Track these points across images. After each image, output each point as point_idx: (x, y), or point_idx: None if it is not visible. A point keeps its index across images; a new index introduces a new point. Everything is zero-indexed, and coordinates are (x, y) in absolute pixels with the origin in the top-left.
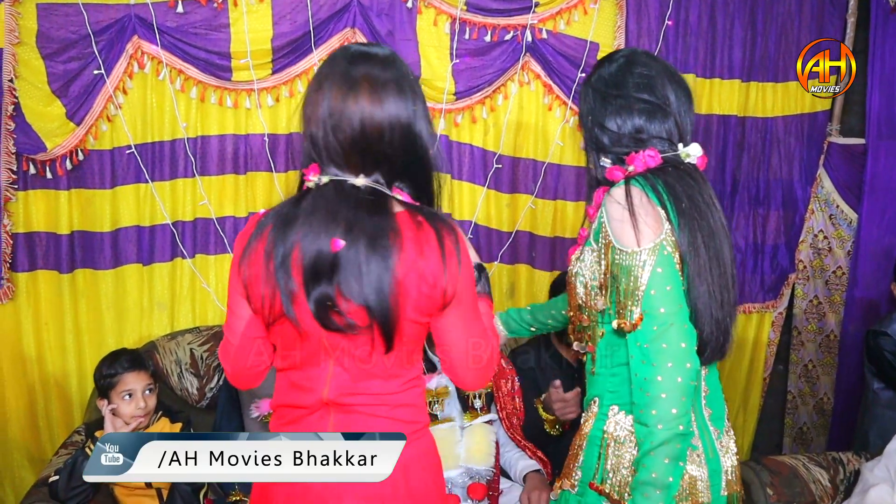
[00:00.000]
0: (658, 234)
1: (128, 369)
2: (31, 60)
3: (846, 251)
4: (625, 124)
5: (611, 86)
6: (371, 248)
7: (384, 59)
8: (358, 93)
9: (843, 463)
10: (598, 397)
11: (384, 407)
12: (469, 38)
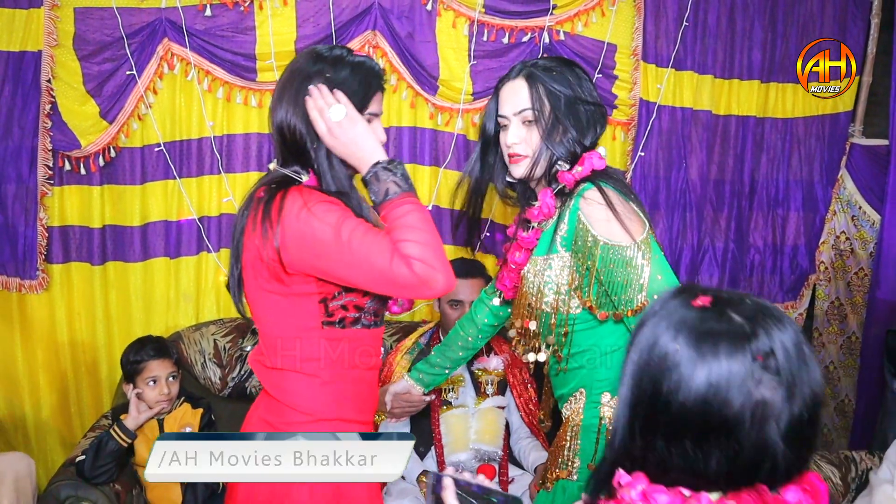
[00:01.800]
0: (644, 227)
1: (153, 357)
2: (67, 62)
3: (868, 252)
4: (588, 125)
5: (576, 84)
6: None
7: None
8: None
9: (856, 462)
10: (585, 388)
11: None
12: (487, 39)
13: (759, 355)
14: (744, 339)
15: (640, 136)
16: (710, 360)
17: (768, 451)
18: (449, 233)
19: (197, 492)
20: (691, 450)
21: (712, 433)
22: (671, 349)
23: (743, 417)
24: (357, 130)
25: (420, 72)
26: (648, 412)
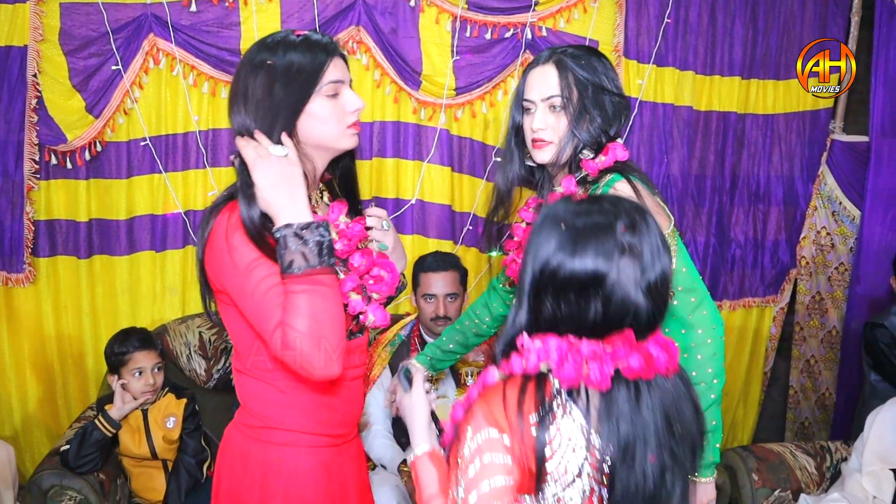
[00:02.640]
0: (670, 221)
1: (138, 348)
2: (53, 56)
3: (849, 248)
4: (614, 115)
5: (603, 74)
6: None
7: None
8: None
9: (831, 452)
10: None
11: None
12: (470, 35)
13: (623, 226)
14: (613, 219)
15: (622, 132)
16: (589, 235)
17: (632, 302)
18: (434, 227)
19: (180, 481)
20: (574, 301)
21: (590, 288)
22: (559, 231)
23: (614, 276)
24: (279, 176)
25: (403, 67)
26: (542, 280)
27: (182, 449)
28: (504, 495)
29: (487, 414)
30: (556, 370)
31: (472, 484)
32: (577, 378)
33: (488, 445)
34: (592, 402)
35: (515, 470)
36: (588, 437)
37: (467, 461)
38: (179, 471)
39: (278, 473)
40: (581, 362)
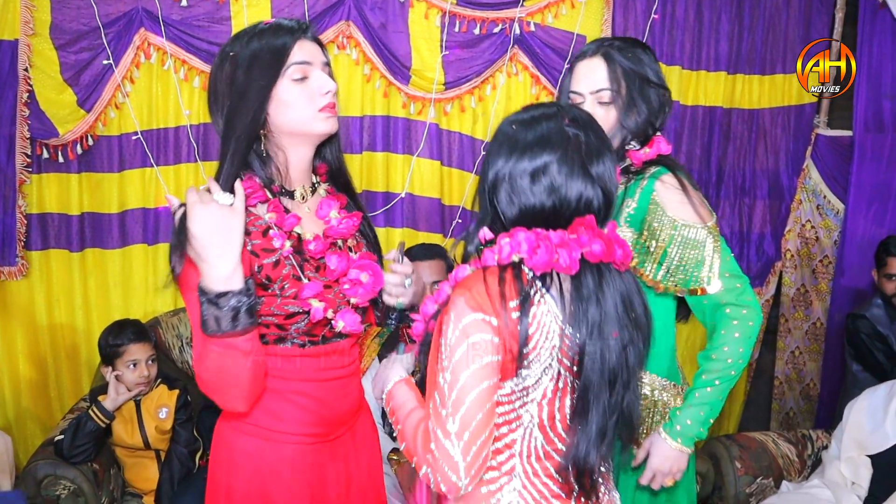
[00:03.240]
0: (712, 215)
1: (133, 340)
2: (44, 51)
3: (833, 241)
4: (660, 108)
5: (648, 66)
6: None
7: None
8: None
9: (813, 440)
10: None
11: None
12: (459, 30)
13: (566, 119)
14: (557, 113)
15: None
16: (536, 126)
17: (582, 188)
18: (424, 220)
19: (173, 471)
20: (529, 191)
21: (541, 175)
22: (509, 136)
23: (561, 162)
24: (214, 228)
25: (393, 62)
26: (497, 181)
27: (174, 439)
28: (493, 373)
29: (470, 299)
30: (528, 259)
31: (460, 365)
32: (548, 264)
33: (475, 327)
34: (564, 286)
35: (501, 350)
36: (560, 323)
37: (453, 346)
38: (172, 461)
39: (261, 465)
40: (552, 249)
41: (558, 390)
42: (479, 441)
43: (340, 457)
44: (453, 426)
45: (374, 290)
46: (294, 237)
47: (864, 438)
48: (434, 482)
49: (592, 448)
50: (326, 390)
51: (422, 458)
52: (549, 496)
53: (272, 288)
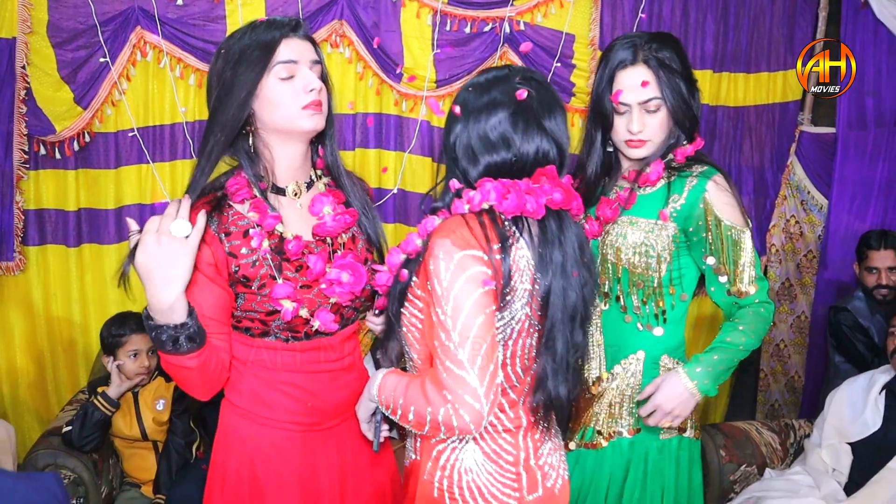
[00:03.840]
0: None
1: (135, 330)
2: (42, 49)
3: (817, 235)
4: (697, 102)
5: (683, 62)
6: None
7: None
8: None
9: (795, 429)
10: (645, 350)
11: None
12: (450, 29)
13: (518, 78)
14: (509, 73)
15: None
16: (490, 86)
17: (537, 138)
18: (415, 216)
19: (171, 461)
20: (488, 146)
21: (500, 132)
22: (465, 98)
23: (514, 112)
24: (159, 263)
25: (385, 60)
26: (463, 135)
27: (171, 430)
28: (491, 301)
29: (457, 240)
30: (498, 205)
31: (460, 297)
32: (518, 208)
33: (468, 262)
34: (532, 230)
35: (493, 282)
36: (532, 269)
37: (450, 282)
38: (169, 451)
39: (253, 449)
40: (521, 195)
41: (524, 331)
42: (490, 368)
43: (334, 447)
44: (464, 354)
45: (355, 289)
46: (275, 237)
47: (844, 426)
48: (457, 419)
49: (561, 383)
50: (316, 382)
51: (438, 404)
52: (500, 430)
53: (252, 286)
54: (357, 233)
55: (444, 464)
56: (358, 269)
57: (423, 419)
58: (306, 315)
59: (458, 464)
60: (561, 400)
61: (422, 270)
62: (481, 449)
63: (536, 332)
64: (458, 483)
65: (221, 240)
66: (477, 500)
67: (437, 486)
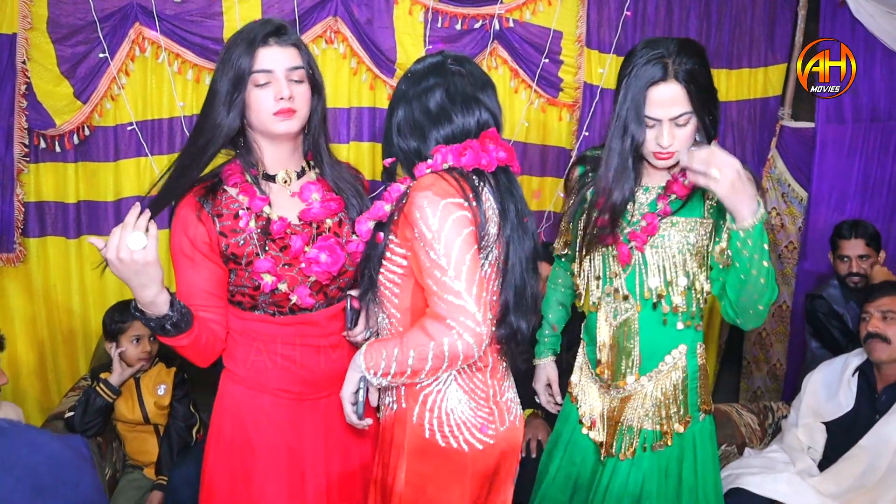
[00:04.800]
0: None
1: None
2: (42, 44)
3: (798, 227)
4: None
5: (709, 72)
6: None
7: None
8: None
9: (773, 410)
10: (686, 344)
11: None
12: (441, 26)
13: (449, 60)
14: (442, 59)
15: (584, 117)
16: (427, 71)
17: (475, 106)
18: None
19: (172, 444)
20: (431, 123)
21: (439, 108)
22: (406, 87)
23: (451, 87)
24: (126, 277)
25: (379, 56)
26: (407, 118)
27: (172, 414)
28: (473, 241)
29: (438, 191)
30: (457, 162)
31: (451, 236)
32: (476, 162)
33: (452, 208)
34: (491, 182)
35: (472, 226)
36: (497, 216)
37: (438, 226)
38: (170, 434)
39: (244, 412)
40: (477, 151)
41: (493, 273)
42: (483, 297)
43: (321, 418)
44: (461, 284)
45: (332, 269)
46: (262, 218)
47: (819, 407)
48: (462, 343)
49: (521, 317)
50: (302, 355)
51: (441, 335)
52: (474, 369)
53: (241, 262)
54: (345, 218)
55: (432, 406)
56: (336, 250)
57: (424, 358)
58: (285, 289)
59: (444, 404)
60: (522, 333)
61: (400, 226)
62: (462, 388)
63: (500, 275)
64: (446, 422)
65: (214, 220)
66: (463, 433)
67: (427, 427)
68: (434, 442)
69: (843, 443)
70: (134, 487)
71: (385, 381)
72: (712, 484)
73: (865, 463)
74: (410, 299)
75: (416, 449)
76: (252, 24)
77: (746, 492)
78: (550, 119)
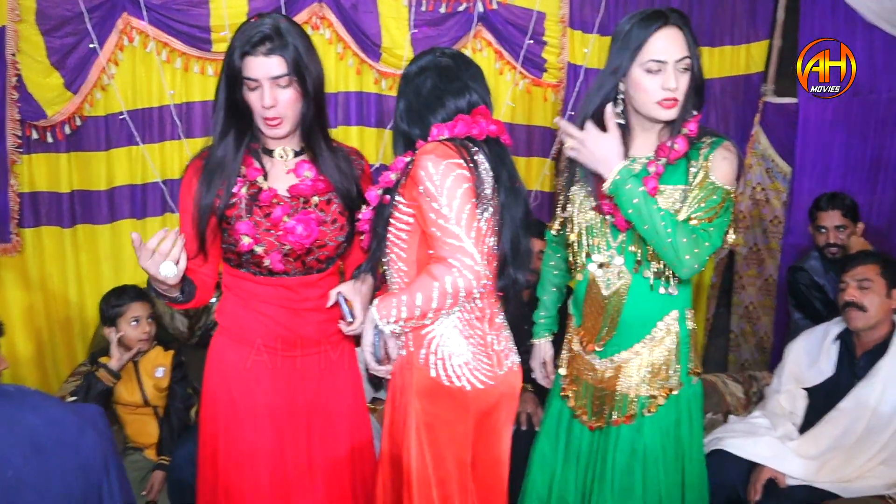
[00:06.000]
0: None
1: (134, 298)
2: (31, 36)
3: (782, 202)
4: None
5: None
6: None
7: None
8: None
9: (758, 379)
10: (677, 309)
11: None
12: (425, 9)
13: (438, 53)
14: (433, 50)
15: (568, 97)
16: (425, 65)
17: (465, 88)
18: None
19: (172, 425)
20: (430, 108)
21: (434, 94)
22: (404, 74)
23: (441, 68)
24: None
25: (364, 40)
26: (408, 106)
27: (171, 396)
28: (472, 196)
29: (440, 154)
30: (451, 133)
31: (452, 189)
32: (468, 129)
33: (453, 166)
34: (485, 150)
35: (470, 183)
36: (492, 179)
37: (441, 180)
38: (170, 416)
39: (228, 364)
40: (468, 122)
41: (488, 230)
42: (479, 244)
43: (302, 377)
44: (460, 229)
45: (305, 241)
46: (255, 187)
47: (801, 373)
48: (462, 280)
49: (518, 269)
50: (280, 314)
51: (443, 274)
52: (473, 319)
53: (230, 222)
54: (334, 197)
55: (435, 349)
56: (311, 225)
57: (430, 297)
58: (260, 252)
59: (446, 348)
60: (519, 283)
61: (407, 188)
62: (462, 334)
63: (496, 234)
64: (449, 362)
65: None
66: (465, 374)
67: (432, 367)
68: (439, 381)
69: (824, 407)
70: (135, 469)
71: (397, 326)
72: (699, 446)
73: (844, 425)
74: (416, 253)
75: (424, 388)
76: (247, 25)
77: (727, 453)
78: (535, 100)
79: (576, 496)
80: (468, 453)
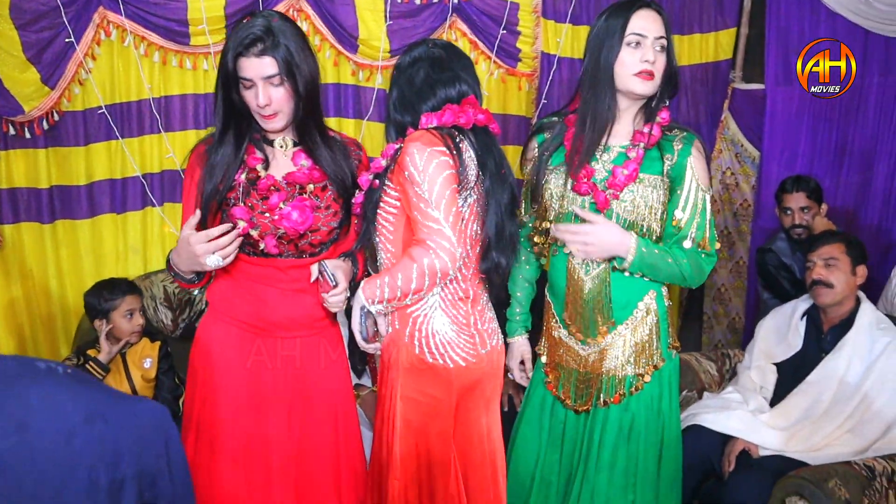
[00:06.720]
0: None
1: (127, 292)
2: (5, 31)
3: (751, 185)
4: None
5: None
6: None
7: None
8: None
9: (730, 357)
10: (654, 289)
11: None
12: (401, 1)
13: (430, 44)
14: (425, 41)
15: (542, 86)
16: (417, 57)
17: (455, 77)
18: None
19: None
20: (421, 97)
21: (426, 82)
22: (397, 64)
23: (434, 59)
24: (182, 258)
25: (341, 32)
26: (400, 95)
27: (158, 387)
28: (454, 182)
29: (426, 141)
30: (439, 122)
31: (434, 174)
32: (455, 118)
33: (437, 153)
34: (471, 139)
35: (453, 169)
36: (477, 166)
37: (425, 165)
38: None
39: (210, 339)
40: (455, 112)
41: (472, 215)
42: (456, 229)
43: (284, 357)
44: (439, 213)
45: (300, 227)
46: (255, 173)
47: (770, 349)
48: (438, 261)
49: (501, 253)
50: (266, 293)
51: (421, 256)
52: (456, 299)
53: (229, 205)
54: (329, 185)
55: (420, 327)
56: (306, 211)
57: (409, 278)
58: (256, 235)
59: (430, 327)
60: (502, 267)
61: (395, 173)
62: (446, 314)
63: (481, 219)
64: (433, 340)
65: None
66: (448, 352)
67: (416, 344)
68: (423, 358)
69: (793, 381)
70: None
71: (382, 306)
72: (676, 419)
73: (812, 397)
74: (402, 235)
75: (409, 365)
76: (241, 26)
77: (703, 428)
78: (510, 89)
79: (560, 477)
80: (450, 427)
